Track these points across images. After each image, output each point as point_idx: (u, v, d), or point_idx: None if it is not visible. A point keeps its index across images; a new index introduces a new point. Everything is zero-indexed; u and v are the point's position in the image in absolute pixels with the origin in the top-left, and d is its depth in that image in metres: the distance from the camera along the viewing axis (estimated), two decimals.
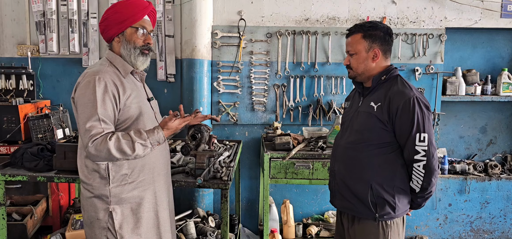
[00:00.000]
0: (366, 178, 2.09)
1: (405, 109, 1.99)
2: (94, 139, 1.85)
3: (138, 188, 2.04)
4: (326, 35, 3.95)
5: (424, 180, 2.02)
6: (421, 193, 2.07)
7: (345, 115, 2.35)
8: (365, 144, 2.09)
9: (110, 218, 1.98)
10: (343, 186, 2.19)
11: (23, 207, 3.42)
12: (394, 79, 2.13)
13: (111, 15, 2.04)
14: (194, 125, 2.52)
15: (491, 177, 3.96)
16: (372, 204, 2.07)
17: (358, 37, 2.14)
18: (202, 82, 3.89)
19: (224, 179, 2.52)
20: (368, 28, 2.13)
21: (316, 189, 4.20)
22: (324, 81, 4.00)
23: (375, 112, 2.06)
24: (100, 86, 1.90)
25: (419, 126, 1.98)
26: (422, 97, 2.06)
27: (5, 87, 3.81)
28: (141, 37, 2.07)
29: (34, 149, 2.80)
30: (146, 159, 2.05)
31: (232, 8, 3.96)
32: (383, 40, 2.14)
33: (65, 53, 3.95)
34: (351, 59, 2.19)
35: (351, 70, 2.21)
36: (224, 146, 3.48)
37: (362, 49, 2.13)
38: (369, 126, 2.09)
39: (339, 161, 2.23)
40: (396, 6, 3.96)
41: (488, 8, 3.92)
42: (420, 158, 1.99)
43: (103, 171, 1.97)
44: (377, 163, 2.08)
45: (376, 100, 2.09)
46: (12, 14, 4.01)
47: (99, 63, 2.07)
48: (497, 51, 4.18)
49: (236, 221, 3.71)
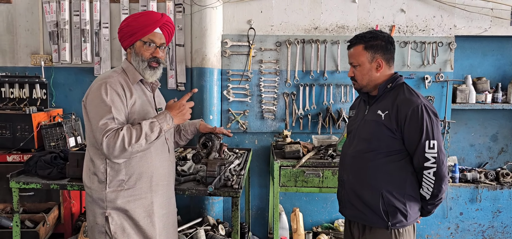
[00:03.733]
0: (376, 186, 2.08)
1: (413, 117, 2.00)
2: (107, 134, 1.89)
3: (134, 196, 2.05)
4: (335, 44, 3.96)
5: (435, 187, 2.01)
6: (431, 200, 2.06)
7: (351, 124, 2.34)
8: (374, 152, 2.09)
9: (107, 222, 2.02)
10: (353, 195, 2.17)
11: (36, 214, 3.46)
12: (400, 87, 2.14)
13: (124, 27, 2.10)
14: (205, 133, 2.55)
15: (503, 185, 3.92)
16: (384, 213, 2.06)
17: (360, 49, 2.14)
18: (212, 90, 3.92)
19: (235, 187, 2.53)
20: (369, 39, 2.13)
21: (326, 197, 4.19)
22: (334, 90, 4.01)
23: (383, 121, 2.06)
24: (111, 88, 1.97)
25: (429, 133, 1.98)
26: (430, 104, 2.06)
27: (19, 96, 3.87)
28: (148, 50, 2.08)
29: (48, 157, 2.84)
30: (144, 168, 2.06)
31: (241, 17, 4.00)
32: (385, 49, 2.14)
33: (77, 62, 4.01)
34: (355, 71, 2.18)
35: (355, 82, 2.21)
36: (234, 154, 3.50)
37: (365, 61, 2.13)
38: (377, 134, 2.09)
39: (348, 170, 2.22)
40: (405, 15, 3.97)
41: (498, 16, 3.91)
42: (430, 165, 1.99)
43: (101, 174, 2.01)
44: (387, 171, 2.07)
45: (383, 108, 2.09)
46: (26, 24, 4.09)
47: (112, 70, 2.14)
48: (507, 59, 4.16)
49: (246, 229, 3.71)
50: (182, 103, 2.08)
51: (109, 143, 1.88)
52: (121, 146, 1.87)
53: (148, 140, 1.92)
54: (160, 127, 1.95)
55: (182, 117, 2.07)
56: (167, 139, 2.23)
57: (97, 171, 2.02)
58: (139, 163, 2.04)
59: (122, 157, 1.93)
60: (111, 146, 1.88)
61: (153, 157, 2.09)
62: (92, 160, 2.04)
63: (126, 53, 2.17)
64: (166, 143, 2.21)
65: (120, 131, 1.89)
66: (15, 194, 2.70)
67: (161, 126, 1.96)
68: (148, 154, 2.06)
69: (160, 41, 2.12)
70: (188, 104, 2.11)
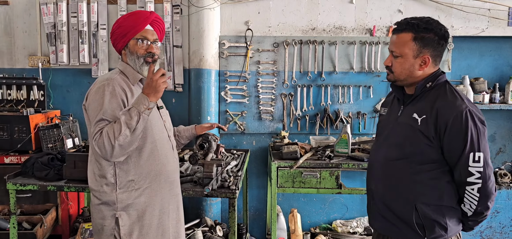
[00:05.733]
0: (409, 197, 1.85)
1: (456, 125, 1.73)
2: (95, 137, 1.90)
3: (144, 195, 2.05)
4: (332, 45, 3.96)
5: (479, 204, 1.77)
6: (473, 217, 1.84)
7: (382, 124, 2.09)
8: (407, 160, 1.86)
9: (116, 224, 2.02)
10: (384, 207, 1.95)
11: (33, 216, 3.45)
12: (442, 87, 1.85)
13: (116, 30, 2.11)
14: (202, 134, 2.55)
15: (501, 186, 3.92)
16: (418, 227, 1.84)
17: (408, 38, 1.83)
18: (210, 92, 3.92)
19: (232, 188, 2.53)
20: (422, 29, 1.81)
21: (323, 198, 4.20)
22: (331, 90, 4.01)
23: (419, 126, 1.81)
24: (108, 90, 1.97)
25: (474, 145, 1.72)
26: (476, 109, 1.78)
27: (16, 98, 3.87)
28: (143, 47, 2.09)
29: (45, 159, 2.84)
30: (153, 166, 2.07)
31: (239, 19, 4.00)
32: (436, 45, 1.83)
33: (75, 64, 4.01)
34: (394, 61, 1.89)
35: (391, 73, 1.92)
36: (232, 155, 3.50)
37: (409, 54, 1.83)
38: (411, 141, 1.84)
39: (377, 179, 2.00)
40: (402, 15, 3.97)
41: (495, 17, 3.92)
42: (475, 180, 1.74)
43: (110, 176, 2.01)
44: (421, 181, 1.84)
45: (420, 111, 1.83)
46: (23, 26, 4.08)
47: (111, 72, 2.15)
48: (504, 59, 4.17)
49: (243, 230, 3.71)
50: (151, 78, 1.93)
51: (99, 146, 1.88)
52: (108, 144, 1.85)
53: (130, 126, 1.86)
54: (137, 110, 1.88)
55: (156, 91, 1.93)
56: (170, 136, 2.24)
57: (105, 174, 2.01)
58: (147, 162, 2.05)
59: (117, 154, 1.89)
60: (102, 148, 1.87)
61: (160, 154, 2.10)
62: (99, 163, 2.03)
63: (121, 55, 2.17)
64: (170, 140, 2.22)
65: (103, 130, 1.89)
66: (12, 195, 2.70)
67: (138, 108, 1.88)
68: (155, 152, 2.08)
69: (152, 37, 2.12)
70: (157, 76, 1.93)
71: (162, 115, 2.22)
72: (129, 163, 2.02)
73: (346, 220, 4.15)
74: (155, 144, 2.09)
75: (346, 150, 3.34)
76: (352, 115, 4.03)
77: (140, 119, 1.88)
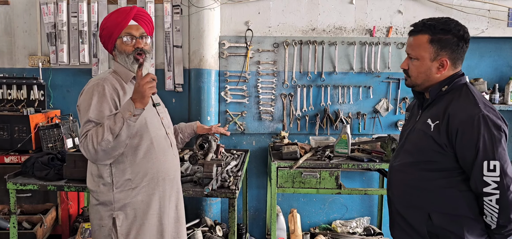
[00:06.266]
0: (422, 206, 1.78)
1: (466, 131, 1.63)
2: (81, 140, 1.89)
3: (141, 193, 2.03)
4: (332, 45, 3.97)
5: (500, 217, 1.63)
6: (498, 230, 1.68)
7: (402, 130, 2.02)
8: (419, 167, 1.79)
9: (114, 224, 2.00)
10: (398, 215, 1.90)
11: (33, 215, 3.45)
12: (458, 90, 1.75)
13: (102, 32, 2.08)
14: (202, 135, 2.55)
15: None
16: (431, 236, 1.77)
17: (424, 40, 1.76)
18: (210, 92, 3.93)
19: (232, 188, 2.54)
20: (439, 30, 1.74)
21: (323, 198, 4.20)
22: (331, 91, 4.02)
23: (431, 133, 1.72)
24: (97, 91, 1.95)
25: (487, 152, 1.61)
26: (493, 113, 1.66)
27: (16, 98, 3.87)
28: (129, 44, 2.05)
29: (45, 158, 2.85)
30: (150, 164, 2.05)
31: (239, 19, 4.00)
32: (454, 47, 1.74)
33: (75, 64, 4.01)
34: (410, 64, 1.81)
35: (408, 78, 1.85)
36: (232, 155, 3.50)
37: (426, 56, 1.76)
38: (423, 148, 1.77)
39: (392, 186, 1.95)
40: (402, 16, 3.98)
41: (495, 17, 3.92)
42: (491, 190, 1.61)
43: (107, 177, 2.00)
44: (434, 189, 1.75)
45: (433, 117, 1.74)
46: (24, 26, 4.09)
47: (104, 72, 2.14)
48: (504, 60, 4.17)
49: (243, 230, 3.72)
50: (138, 83, 1.86)
51: (84, 148, 1.87)
52: (92, 147, 1.83)
53: (113, 132, 1.81)
54: (121, 116, 1.83)
55: (142, 96, 1.86)
56: (169, 133, 2.20)
57: (102, 174, 2.01)
58: (143, 160, 2.03)
59: (102, 158, 1.88)
60: (86, 151, 1.86)
61: (157, 152, 2.07)
62: (94, 165, 2.03)
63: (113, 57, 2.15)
64: (168, 137, 2.18)
65: (88, 133, 1.87)
66: (12, 195, 2.71)
67: (122, 114, 1.83)
68: (151, 150, 2.05)
69: (138, 32, 2.06)
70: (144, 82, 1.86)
71: (159, 112, 2.18)
72: (125, 162, 2.00)
73: (346, 220, 4.15)
74: (152, 141, 2.06)
75: (346, 150, 3.35)
76: (351, 116, 4.03)
77: (123, 125, 1.83)
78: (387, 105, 4.01)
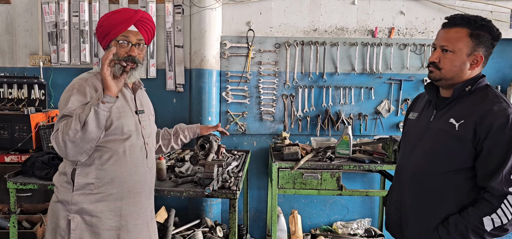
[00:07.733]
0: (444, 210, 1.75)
1: (500, 130, 1.61)
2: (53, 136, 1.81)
3: (102, 202, 1.92)
4: (334, 46, 3.95)
5: None
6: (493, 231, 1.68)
7: (410, 129, 1.96)
8: (439, 169, 1.75)
9: (68, 226, 1.90)
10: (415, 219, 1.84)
11: (33, 215, 3.44)
12: (483, 90, 1.74)
13: (98, 29, 1.99)
14: (203, 135, 2.54)
15: None
16: None
17: (463, 34, 1.71)
18: (211, 92, 3.92)
19: (233, 189, 2.52)
20: (479, 26, 1.71)
21: (324, 200, 4.19)
22: (333, 92, 4.01)
23: (457, 132, 1.69)
24: (77, 89, 1.88)
25: None
26: None
27: (17, 97, 3.87)
28: (123, 49, 1.92)
29: (45, 158, 2.83)
30: (118, 173, 1.94)
31: (240, 19, 4.00)
32: (489, 45, 1.73)
33: (76, 63, 4.01)
34: (442, 57, 1.75)
35: (436, 71, 1.78)
36: (233, 155, 3.49)
37: (463, 50, 1.71)
38: (447, 148, 1.72)
39: (407, 189, 1.88)
40: (404, 17, 3.97)
41: (497, 19, 3.90)
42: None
43: (69, 175, 1.92)
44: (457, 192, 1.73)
45: (458, 116, 1.71)
46: (25, 25, 4.08)
47: (87, 72, 2.05)
48: (507, 61, 4.15)
49: (244, 231, 3.70)
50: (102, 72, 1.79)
51: (56, 142, 1.78)
52: (61, 140, 1.74)
53: (81, 120, 1.72)
54: (90, 103, 1.76)
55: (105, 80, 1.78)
56: (147, 144, 2.08)
57: (66, 171, 1.93)
58: (111, 167, 1.93)
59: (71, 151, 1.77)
60: (57, 144, 1.77)
61: (128, 161, 1.97)
62: (65, 160, 1.98)
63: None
64: (145, 148, 2.06)
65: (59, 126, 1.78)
66: (12, 194, 2.70)
67: (91, 102, 1.76)
68: (122, 158, 1.95)
69: (135, 38, 1.95)
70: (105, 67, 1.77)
71: (141, 121, 2.07)
72: (92, 165, 1.91)
73: (347, 222, 4.14)
74: (125, 150, 1.95)
75: (347, 152, 3.34)
76: (353, 117, 4.02)
77: (91, 112, 1.72)
78: (389, 106, 4.00)
